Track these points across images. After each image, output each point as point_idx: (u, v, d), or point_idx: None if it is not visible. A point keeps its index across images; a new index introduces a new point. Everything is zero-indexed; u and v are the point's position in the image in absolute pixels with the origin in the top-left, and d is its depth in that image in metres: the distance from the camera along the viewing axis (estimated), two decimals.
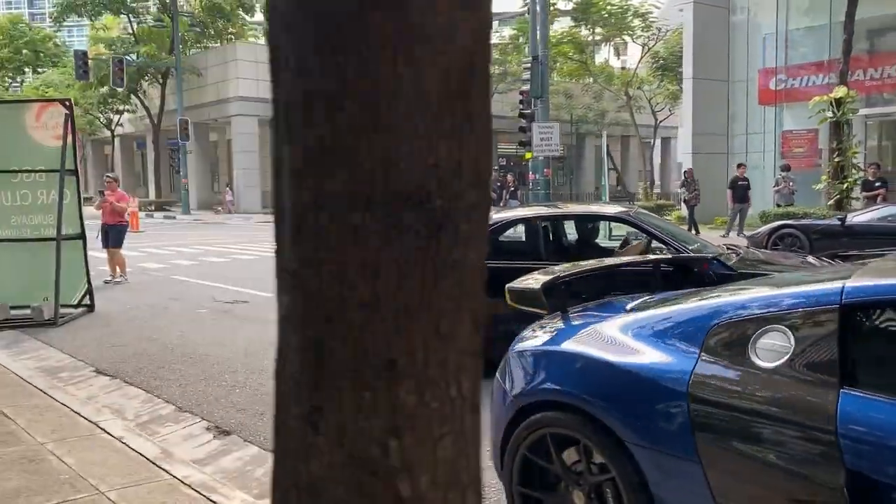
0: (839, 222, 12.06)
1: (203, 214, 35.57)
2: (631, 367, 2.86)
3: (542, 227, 6.33)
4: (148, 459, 4.20)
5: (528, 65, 20.48)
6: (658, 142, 43.30)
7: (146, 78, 38.78)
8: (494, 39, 41.66)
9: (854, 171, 15.10)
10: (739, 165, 18.34)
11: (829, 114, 15.55)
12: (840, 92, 15.05)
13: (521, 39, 41.57)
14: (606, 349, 2.99)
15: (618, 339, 3.01)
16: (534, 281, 3.59)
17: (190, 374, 6.48)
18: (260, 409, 5.41)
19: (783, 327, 2.56)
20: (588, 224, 7.17)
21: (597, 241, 7.23)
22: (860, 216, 12.18)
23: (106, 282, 11.48)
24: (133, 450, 4.35)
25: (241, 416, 5.31)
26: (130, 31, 39.41)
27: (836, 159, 15.23)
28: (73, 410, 5.16)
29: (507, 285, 3.51)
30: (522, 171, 51.24)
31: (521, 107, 22.66)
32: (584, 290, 4.09)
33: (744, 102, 21.71)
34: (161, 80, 38.48)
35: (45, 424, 4.82)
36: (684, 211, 22.26)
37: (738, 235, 16.58)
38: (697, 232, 18.41)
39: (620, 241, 6.88)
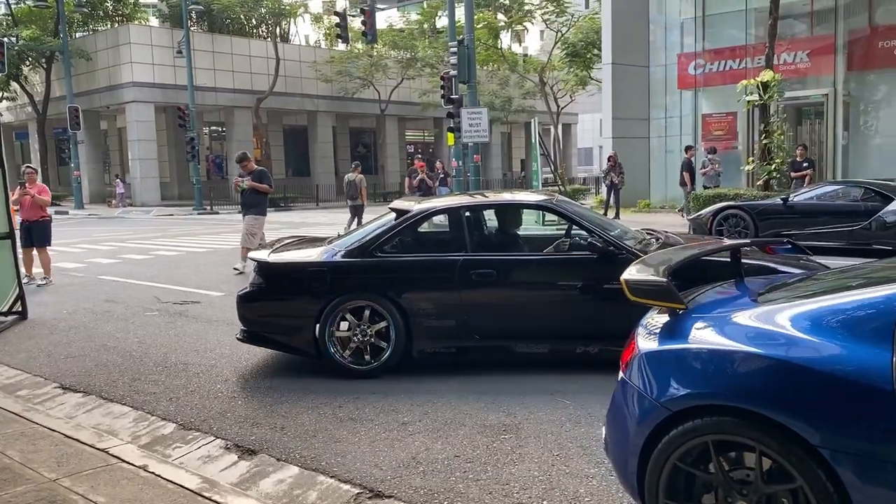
0: (782, 202, 12.38)
1: (97, 209, 33.33)
2: (817, 365, 2.57)
3: (465, 218, 6.06)
4: (191, 491, 3.62)
5: (454, 48, 20.10)
6: (559, 128, 43.93)
7: (28, 63, 35.88)
8: (400, 24, 41.10)
9: (780, 152, 15.63)
10: (688, 148, 18.65)
11: (756, 97, 16.01)
12: (766, 75, 15.52)
13: (425, 26, 41.20)
14: (778, 346, 2.69)
15: (786, 333, 2.72)
16: (647, 272, 3.25)
17: (175, 386, 5.79)
18: (278, 423, 4.86)
19: None
20: (512, 213, 6.93)
21: (521, 230, 7.06)
22: (801, 195, 12.55)
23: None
24: (168, 480, 3.74)
25: (259, 432, 4.73)
26: (9, 12, 36.31)
27: (763, 141, 15.72)
28: (66, 436, 4.45)
29: (625, 278, 3.16)
30: (430, 159, 51.31)
31: (442, 91, 22.22)
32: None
33: (663, 87, 22.19)
34: (45, 65, 35.71)
35: (44, 455, 4.11)
36: (605, 194, 22.64)
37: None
38: (617, 216, 18.67)
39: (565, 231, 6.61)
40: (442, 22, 44.27)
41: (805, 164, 15.38)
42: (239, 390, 5.62)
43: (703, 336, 2.94)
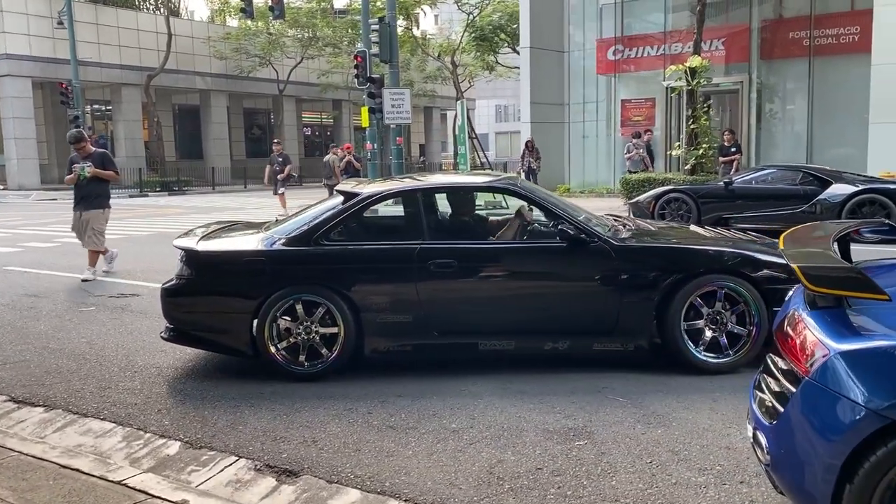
0: (724, 186, 12.53)
1: None
2: None
3: (421, 202, 5.51)
4: None
5: (376, 27, 19.33)
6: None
7: None
8: (300, 2, 39.56)
9: (706, 137, 15.93)
10: (646, 132, 18.68)
11: (683, 82, 16.23)
12: (695, 61, 15.73)
13: (323, 4, 39.85)
14: None
15: None
16: (821, 257, 2.87)
17: (158, 395, 4.99)
18: (306, 435, 4.20)
19: None
20: (469, 197, 6.36)
21: (476, 214, 6.44)
22: (742, 178, 12.76)
23: None
24: None
25: (288, 448, 4.06)
26: None
27: (691, 126, 15.97)
28: (61, 466, 3.63)
29: (801, 265, 2.75)
30: (326, 143, 49.94)
31: (356, 71, 21.37)
32: None
33: (581, 72, 22.27)
34: None
35: (47, 493, 3.30)
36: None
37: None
38: None
39: (514, 213, 6.21)
40: (341, 2, 43.08)
41: (733, 150, 15.75)
42: (238, 397, 4.88)
43: None
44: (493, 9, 30.63)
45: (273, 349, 5.11)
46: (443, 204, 6.22)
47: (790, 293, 3.57)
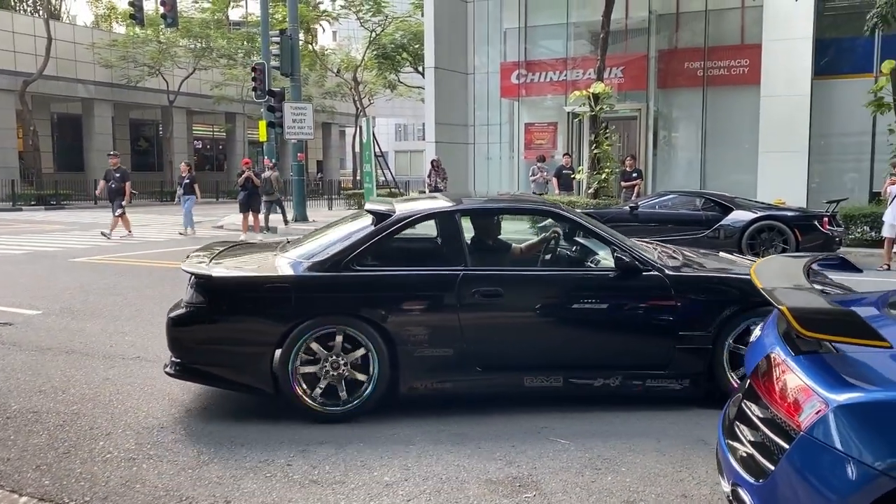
0: (629, 210, 12.68)
1: None
2: None
3: (461, 224, 5.08)
4: None
5: (277, 39, 18.66)
6: (358, 130, 43.36)
7: None
8: (193, 12, 38.13)
9: (608, 162, 16.18)
10: (565, 155, 18.64)
11: (587, 108, 16.45)
12: (598, 87, 15.98)
13: (217, 16, 38.61)
14: None
15: None
16: (813, 298, 2.64)
17: (36, 447, 4.28)
18: (217, 494, 3.66)
19: None
20: (510, 220, 6.04)
21: (511, 239, 6.02)
22: (647, 203, 12.95)
23: None
24: None
25: None
26: None
27: (594, 151, 16.18)
28: None
29: (793, 307, 2.52)
30: (218, 157, 48.19)
31: (254, 84, 20.59)
32: None
33: (485, 94, 22.32)
34: None
35: None
36: None
37: None
38: None
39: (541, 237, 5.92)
40: (236, 13, 41.86)
41: (634, 175, 16.05)
42: (134, 448, 4.26)
43: None
44: (395, 27, 30.43)
45: (298, 387, 4.59)
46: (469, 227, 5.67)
47: (756, 331, 3.37)
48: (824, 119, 17.68)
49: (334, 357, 4.61)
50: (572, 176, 17.48)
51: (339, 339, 4.60)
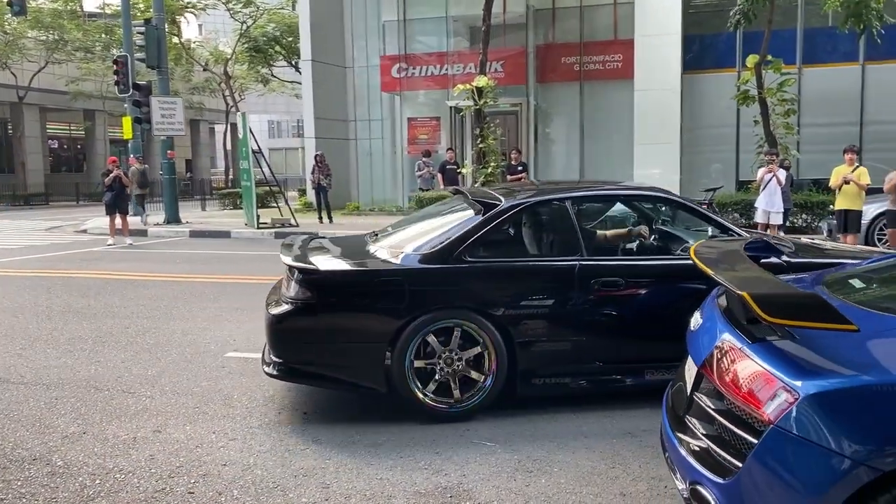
0: None
1: None
2: None
3: (571, 212, 4.81)
4: None
5: (142, 29, 17.48)
6: (228, 128, 41.78)
7: None
8: (43, 2, 35.31)
9: (493, 156, 16.21)
10: (448, 150, 18.32)
11: (471, 101, 16.40)
12: (481, 81, 15.95)
13: (70, 5, 36.00)
14: None
15: None
16: (770, 282, 2.51)
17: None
18: None
19: None
20: (621, 206, 5.84)
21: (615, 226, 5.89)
22: None
23: None
24: None
25: None
26: None
27: (480, 146, 16.16)
28: None
29: (753, 293, 2.37)
30: (77, 157, 44.97)
31: (116, 77, 19.27)
32: None
33: (366, 88, 21.89)
34: None
35: None
36: (311, 196, 21.67)
37: None
38: (331, 219, 17.97)
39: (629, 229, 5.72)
40: (92, 2, 39.16)
41: (520, 168, 16.15)
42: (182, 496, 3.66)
43: None
44: (267, 19, 29.36)
45: (414, 385, 4.37)
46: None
47: (695, 317, 3.25)
48: (693, 112, 18.49)
49: (450, 353, 4.39)
50: (458, 170, 17.42)
51: (456, 333, 4.37)
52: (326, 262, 4.68)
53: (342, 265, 4.75)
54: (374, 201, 21.67)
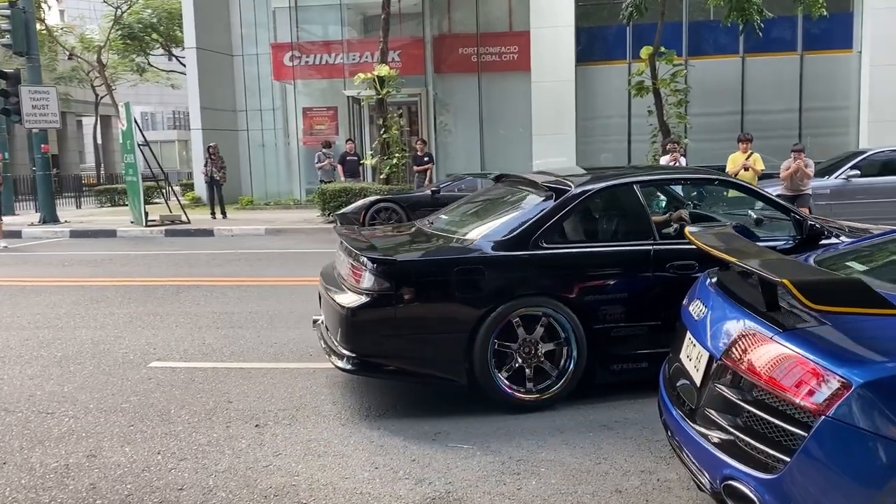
0: (431, 194, 12.55)
1: None
2: None
3: (641, 197, 4.81)
4: None
5: (6, 12, 16.00)
6: (98, 119, 39.37)
7: None
8: None
9: (397, 147, 15.92)
10: (348, 140, 17.67)
11: (372, 91, 16.03)
12: (382, 70, 15.61)
13: None
14: None
15: None
16: (806, 268, 2.43)
17: None
18: None
19: None
20: (684, 190, 5.99)
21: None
22: (447, 187, 12.89)
23: None
24: None
25: None
26: None
27: (383, 136, 15.83)
28: None
29: (794, 281, 2.27)
30: None
31: None
32: None
33: (255, 77, 21.02)
34: None
35: None
36: (199, 191, 20.67)
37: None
38: (224, 214, 17.22)
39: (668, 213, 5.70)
40: None
41: (426, 159, 15.94)
42: None
43: None
44: (143, 4, 27.67)
45: (497, 375, 4.29)
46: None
47: (695, 306, 3.17)
48: (587, 103, 18.90)
49: (532, 341, 4.33)
50: (360, 161, 17.03)
51: (540, 321, 4.31)
52: (404, 253, 4.58)
53: (420, 255, 4.61)
54: (268, 195, 20.91)
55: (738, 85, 18.67)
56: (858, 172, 12.01)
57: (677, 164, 12.24)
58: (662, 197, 6.10)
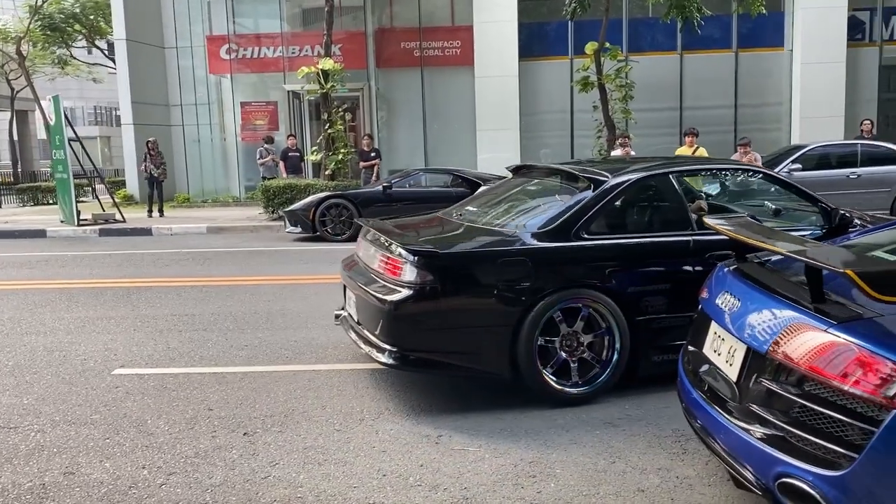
0: (382, 190, 12.33)
1: None
2: None
3: (678, 187, 4.78)
4: None
5: None
6: (14, 114, 37.48)
7: None
8: None
9: (342, 142, 15.58)
10: (290, 136, 17.11)
11: (316, 85, 15.65)
12: (327, 64, 15.24)
13: None
14: None
15: None
16: (866, 259, 2.37)
17: None
18: None
19: None
20: (720, 179, 5.98)
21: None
22: (398, 182, 12.67)
23: None
24: None
25: None
26: None
27: (328, 131, 15.46)
28: None
29: (860, 272, 2.20)
30: None
31: None
32: None
33: (190, 70, 20.27)
34: None
35: None
36: (132, 189, 19.87)
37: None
38: (161, 212, 16.59)
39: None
40: None
41: (373, 154, 15.65)
42: None
43: None
44: None
45: (542, 369, 4.22)
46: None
47: (724, 299, 3.10)
48: (531, 98, 18.94)
49: (577, 333, 4.28)
50: (302, 158, 16.63)
51: (583, 313, 4.26)
52: (447, 245, 4.42)
53: (463, 247, 4.47)
54: (205, 192, 20.23)
55: (676, 81, 19.04)
56: (800, 167, 12.37)
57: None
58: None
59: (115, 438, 3.98)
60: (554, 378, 4.28)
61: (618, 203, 4.67)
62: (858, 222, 4.89)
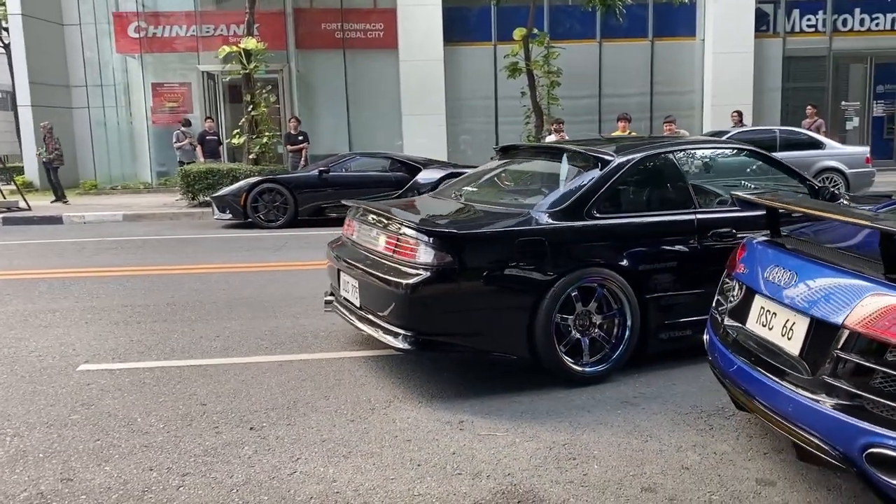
0: (318, 174, 11.98)
1: None
2: None
3: (679, 166, 4.86)
4: None
5: None
6: None
7: None
8: None
9: (266, 125, 15.01)
10: (207, 119, 16.26)
11: (233, 66, 15.00)
12: (250, 43, 14.61)
13: None
14: None
15: None
16: None
17: None
18: None
19: None
20: (714, 159, 5.63)
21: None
22: (335, 166, 12.32)
23: None
24: None
25: None
26: None
27: (252, 114, 14.84)
28: None
29: None
30: None
31: None
32: None
33: (95, 49, 19.03)
34: None
35: None
36: (31, 175, 18.58)
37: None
38: (65, 199, 15.62)
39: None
40: None
41: (300, 138, 15.15)
42: None
43: None
44: None
45: (559, 349, 4.17)
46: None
47: (772, 272, 3.08)
48: (456, 83, 18.86)
49: (587, 313, 4.25)
50: (219, 141, 15.97)
51: (598, 292, 4.25)
52: (463, 225, 4.30)
53: (481, 228, 4.25)
54: (112, 178, 19.11)
55: (595, 69, 19.40)
56: None
57: None
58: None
59: (106, 439, 3.63)
60: (570, 358, 4.23)
61: (625, 182, 4.65)
62: (843, 199, 5.08)
